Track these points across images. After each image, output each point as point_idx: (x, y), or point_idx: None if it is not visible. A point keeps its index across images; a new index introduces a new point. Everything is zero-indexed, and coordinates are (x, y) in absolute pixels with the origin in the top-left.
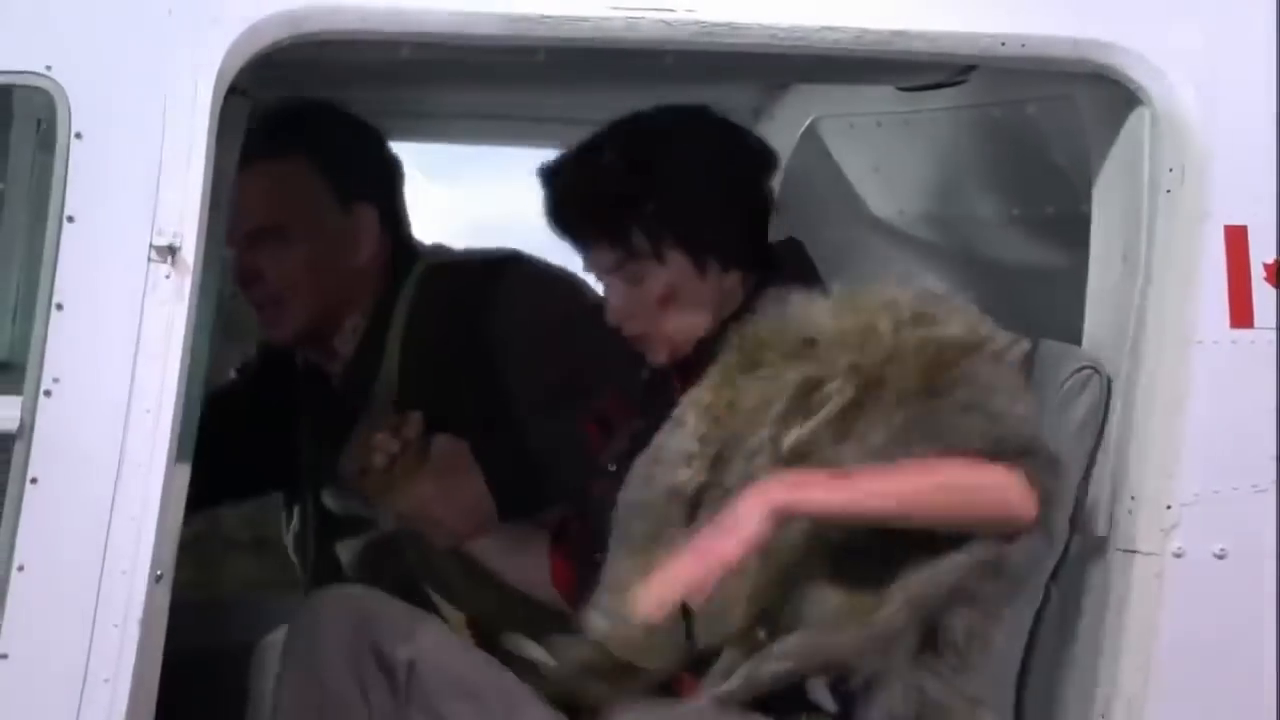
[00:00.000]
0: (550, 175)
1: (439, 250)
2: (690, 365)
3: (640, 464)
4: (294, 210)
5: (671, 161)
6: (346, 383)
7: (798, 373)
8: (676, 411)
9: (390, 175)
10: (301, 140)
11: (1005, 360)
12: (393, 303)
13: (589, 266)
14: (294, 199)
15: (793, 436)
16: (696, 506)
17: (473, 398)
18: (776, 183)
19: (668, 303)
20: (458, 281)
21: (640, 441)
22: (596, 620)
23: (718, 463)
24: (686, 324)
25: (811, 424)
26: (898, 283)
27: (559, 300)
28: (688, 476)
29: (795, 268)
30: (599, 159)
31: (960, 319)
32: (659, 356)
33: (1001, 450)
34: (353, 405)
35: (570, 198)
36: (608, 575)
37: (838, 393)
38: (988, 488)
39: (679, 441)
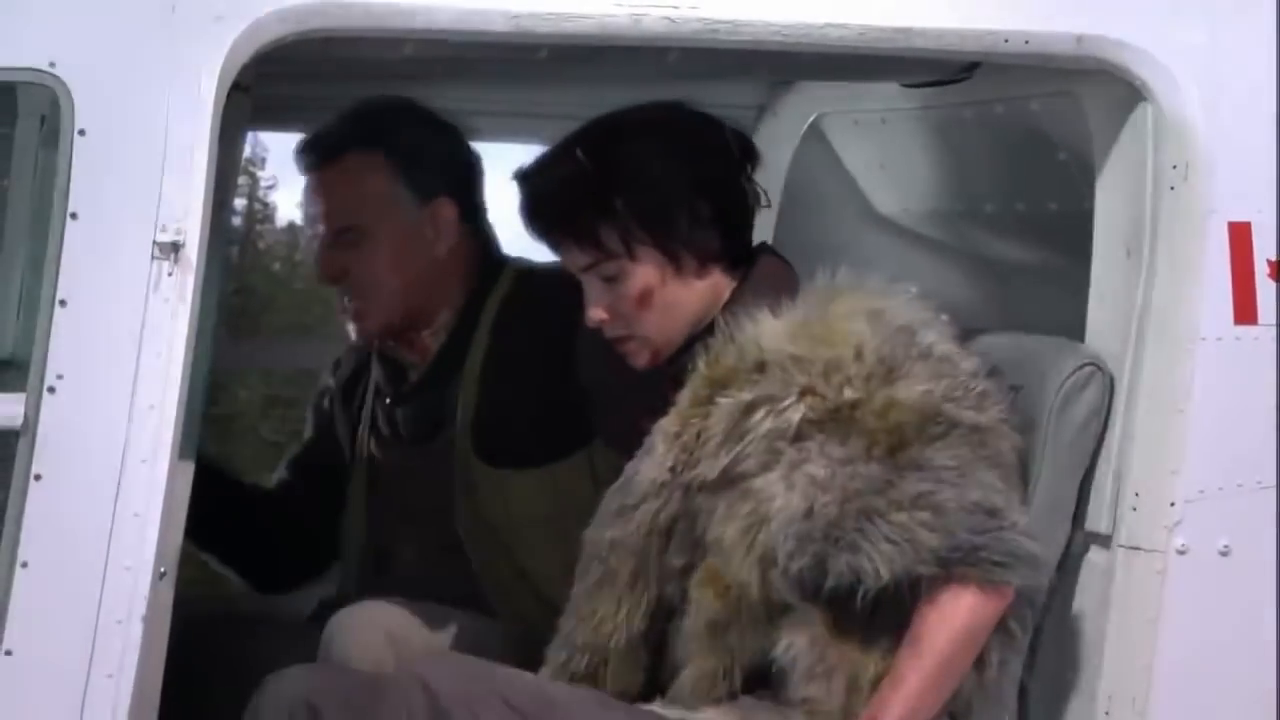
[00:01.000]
0: (523, 178)
1: (525, 260)
2: (675, 375)
3: (611, 495)
4: (373, 208)
5: (641, 158)
6: (426, 379)
7: (748, 395)
8: (647, 440)
9: (468, 170)
10: (378, 137)
11: (964, 423)
12: (481, 305)
13: (566, 267)
14: (372, 197)
15: (722, 459)
16: (669, 537)
17: (552, 405)
18: (772, 180)
19: (646, 302)
20: (547, 291)
21: None
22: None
23: (693, 492)
24: (667, 325)
25: (740, 446)
26: (867, 294)
27: None
28: (658, 506)
29: (770, 273)
30: (569, 159)
31: (924, 372)
32: (641, 360)
33: (947, 564)
34: (431, 401)
35: (541, 199)
36: (581, 607)
37: (777, 414)
38: (964, 642)
39: (649, 471)
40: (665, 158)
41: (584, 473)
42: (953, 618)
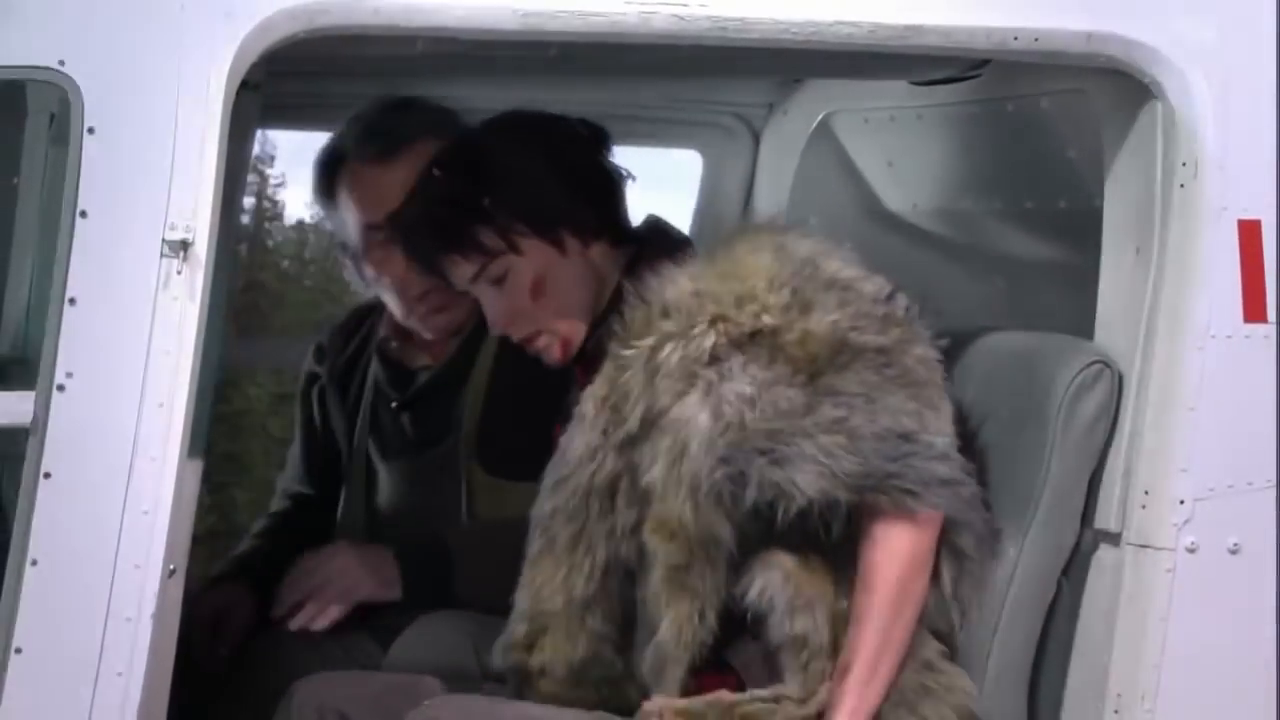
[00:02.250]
0: (390, 217)
1: None
2: (593, 357)
3: (549, 471)
4: None
5: (496, 155)
6: (436, 383)
7: (653, 339)
8: (576, 409)
9: None
10: (444, 130)
11: (869, 348)
12: None
13: (456, 285)
14: None
15: (639, 407)
16: (613, 495)
17: (555, 418)
18: (781, 177)
19: (539, 292)
20: None
21: None
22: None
23: (625, 448)
24: (566, 308)
25: (654, 385)
26: (767, 231)
27: None
28: (593, 469)
29: (662, 241)
30: (428, 181)
31: (830, 301)
32: (554, 354)
33: (861, 490)
34: (440, 406)
35: (414, 226)
36: (529, 581)
37: (687, 343)
38: (911, 569)
39: (582, 436)
40: (518, 149)
41: None
42: (895, 550)
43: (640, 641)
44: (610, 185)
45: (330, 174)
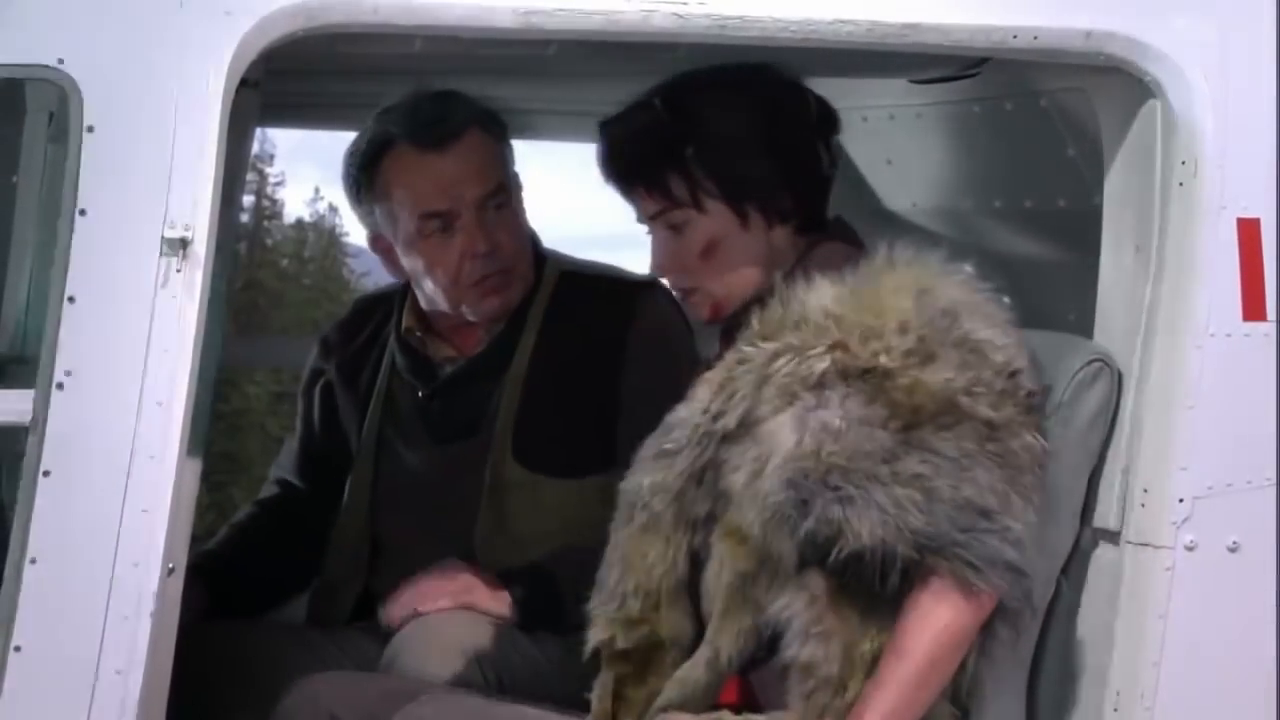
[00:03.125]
0: (602, 126)
1: (566, 258)
2: (733, 330)
3: (650, 442)
4: (506, 174)
5: (716, 111)
6: (465, 374)
7: (778, 344)
8: (691, 390)
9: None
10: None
11: (978, 417)
12: (529, 303)
13: (638, 215)
14: (502, 163)
15: (741, 408)
16: (700, 485)
17: (595, 415)
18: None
19: (710, 254)
20: (600, 297)
21: None
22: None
23: (722, 442)
24: (731, 279)
25: (760, 392)
26: (920, 271)
27: (688, 330)
28: (697, 453)
29: (841, 241)
30: (647, 108)
31: (953, 359)
32: (702, 313)
33: (923, 549)
34: (470, 399)
35: (616, 145)
36: (629, 554)
37: (801, 359)
38: (945, 645)
39: (691, 417)
40: (740, 113)
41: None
42: (938, 622)
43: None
44: (817, 175)
45: (374, 163)
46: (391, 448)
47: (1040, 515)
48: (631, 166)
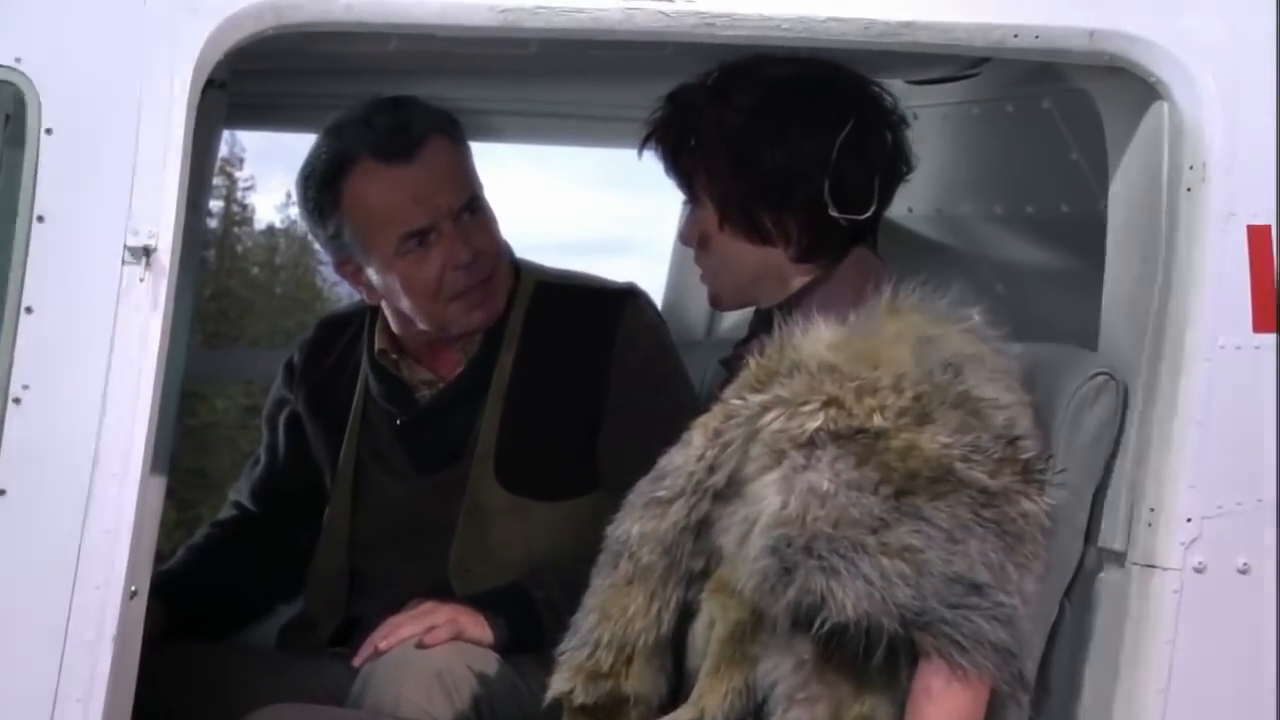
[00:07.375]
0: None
1: (540, 267)
2: (735, 365)
3: (641, 488)
4: (475, 177)
5: (731, 113)
6: (446, 399)
7: (768, 396)
8: (685, 435)
9: None
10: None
11: (973, 485)
12: (505, 317)
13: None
14: (469, 166)
15: (730, 465)
16: (696, 538)
17: (581, 433)
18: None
19: (704, 245)
20: (579, 308)
21: None
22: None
23: (715, 497)
24: (722, 277)
25: (748, 450)
26: (924, 318)
27: (670, 337)
28: (693, 503)
29: (853, 279)
30: (691, 87)
31: (952, 421)
32: (708, 296)
33: (909, 625)
34: (450, 425)
35: (660, 115)
36: (608, 604)
37: (791, 415)
38: None
39: (685, 464)
40: (743, 115)
41: (606, 513)
42: (950, 710)
43: (685, 671)
44: (820, 207)
45: (335, 182)
46: (370, 478)
47: (1042, 581)
48: (662, 134)
